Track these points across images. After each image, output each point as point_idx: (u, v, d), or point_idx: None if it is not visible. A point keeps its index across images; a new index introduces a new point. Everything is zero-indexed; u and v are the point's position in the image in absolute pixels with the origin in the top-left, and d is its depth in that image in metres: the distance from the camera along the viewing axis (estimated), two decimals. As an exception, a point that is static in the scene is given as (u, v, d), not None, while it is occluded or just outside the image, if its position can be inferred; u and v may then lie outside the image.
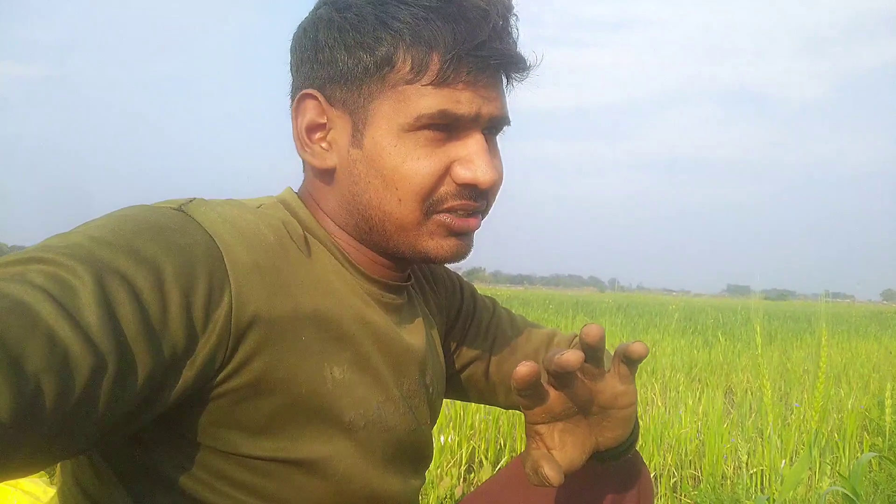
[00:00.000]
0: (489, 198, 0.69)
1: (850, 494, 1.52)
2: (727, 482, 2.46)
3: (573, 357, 0.57)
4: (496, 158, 0.69)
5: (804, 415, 3.08)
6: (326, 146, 0.67)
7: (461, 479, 2.30)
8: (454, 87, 0.63)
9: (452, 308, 0.90)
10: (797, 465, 1.55)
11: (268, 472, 0.61)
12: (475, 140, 0.65)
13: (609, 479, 0.83)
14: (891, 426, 2.67)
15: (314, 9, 0.68)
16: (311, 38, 0.66)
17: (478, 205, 0.68)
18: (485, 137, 0.67)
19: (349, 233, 0.69)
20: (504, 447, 2.62)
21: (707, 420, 2.91)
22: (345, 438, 0.65)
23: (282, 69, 0.72)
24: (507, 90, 0.69)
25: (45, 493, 0.97)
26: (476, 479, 2.37)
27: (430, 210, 0.66)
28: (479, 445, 2.55)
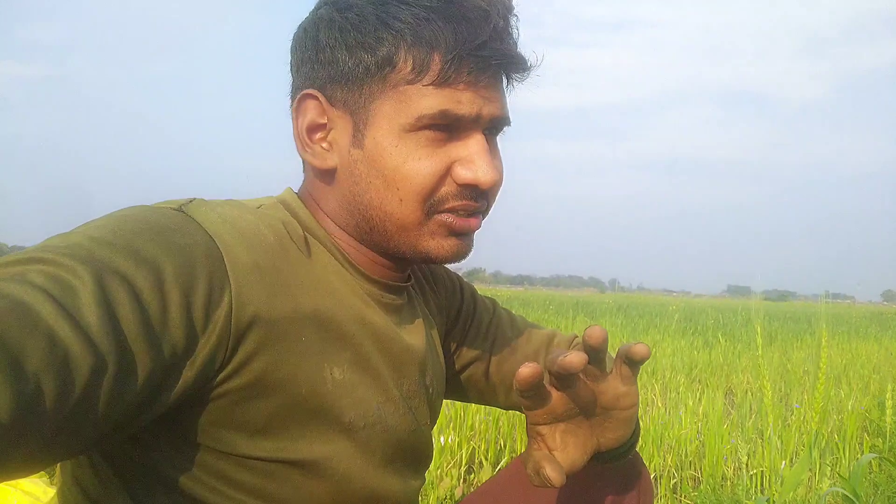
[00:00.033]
0: (489, 198, 0.69)
1: (850, 496, 1.52)
2: (727, 483, 2.46)
3: (576, 359, 0.57)
4: (497, 159, 0.69)
5: (804, 416, 3.08)
6: (327, 146, 0.67)
7: (461, 480, 2.30)
8: (455, 88, 0.63)
9: (452, 308, 0.90)
10: (797, 466, 1.55)
11: (267, 473, 0.61)
12: (476, 140, 0.65)
13: (609, 480, 0.83)
14: (891, 427, 2.67)
15: (315, 9, 0.68)
16: (312, 38, 0.66)
17: (478, 205, 0.68)
18: (485, 138, 0.67)
19: (349, 233, 0.69)
20: (504, 448, 2.62)
21: (707, 421, 2.91)
22: (345, 439, 0.65)
23: (282, 69, 0.72)
24: (508, 90, 0.69)
25: (45, 493, 0.97)
26: (476, 480, 2.36)
27: (432, 210, 0.66)
28: (479, 446, 2.55)
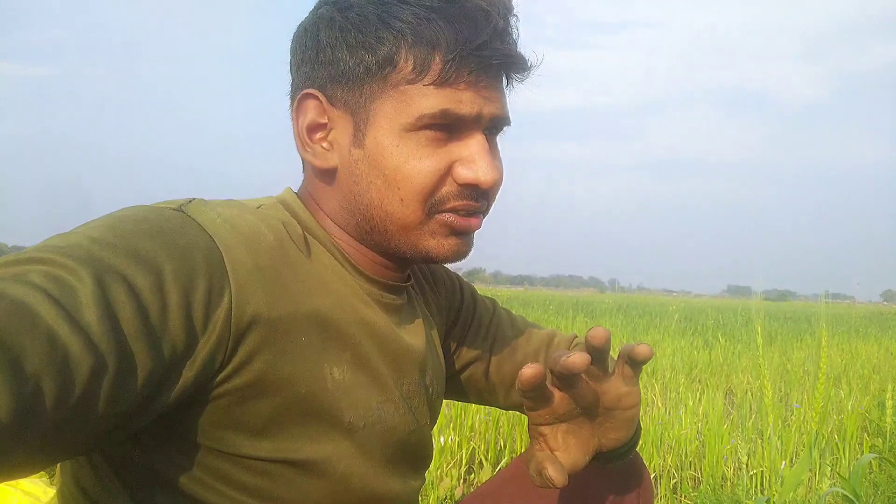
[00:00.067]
0: (490, 198, 0.69)
1: (850, 496, 1.52)
2: (727, 483, 2.46)
3: (580, 359, 0.57)
4: (497, 158, 0.69)
5: (804, 416, 3.08)
6: (327, 146, 0.67)
7: (461, 480, 2.30)
8: (456, 87, 0.63)
9: (452, 308, 0.90)
10: (797, 467, 1.55)
11: (267, 473, 0.61)
12: (476, 140, 0.65)
13: (609, 480, 0.83)
14: (891, 427, 2.67)
15: (315, 8, 0.68)
16: (313, 38, 0.66)
17: (479, 205, 0.68)
18: (485, 137, 0.67)
19: (349, 233, 0.69)
20: (504, 448, 2.62)
21: (707, 421, 2.91)
22: (344, 439, 0.65)
23: (281, 69, 0.72)
24: (507, 90, 0.69)
25: (45, 494, 0.97)
26: (476, 480, 2.36)
27: (433, 210, 0.66)
28: (479, 446, 2.55)
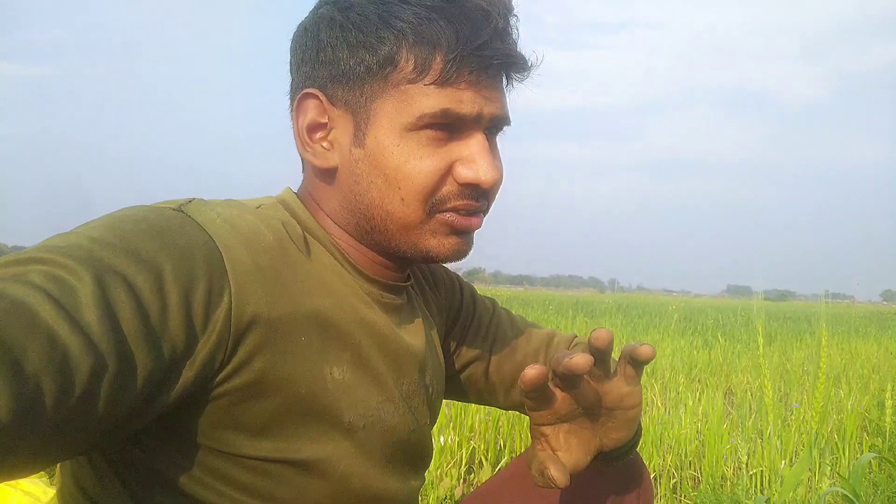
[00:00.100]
0: (490, 197, 0.69)
1: (850, 495, 1.52)
2: (727, 483, 2.46)
3: (583, 361, 0.57)
4: (497, 158, 0.69)
5: (804, 415, 3.08)
6: (328, 146, 0.67)
7: (461, 480, 2.30)
8: (457, 87, 0.63)
9: (452, 308, 0.90)
10: (797, 466, 1.55)
11: (267, 473, 0.61)
12: (477, 140, 0.66)
13: (609, 480, 0.83)
14: (891, 427, 2.67)
15: (315, 8, 0.68)
16: (313, 38, 0.66)
17: (479, 204, 0.68)
18: (485, 137, 0.67)
19: (349, 233, 0.69)
20: (504, 448, 2.62)
21: (707, 421, 2.91)
22: (344, 439, 0.65)
23: (281, 69, 0.72)
24: (507, 90, 0.69)
25: (45, 494, 0.97)
26: (476, 480, 2.36)
27: (433, 209, 0.66)
28: (479, 446, 2.55)
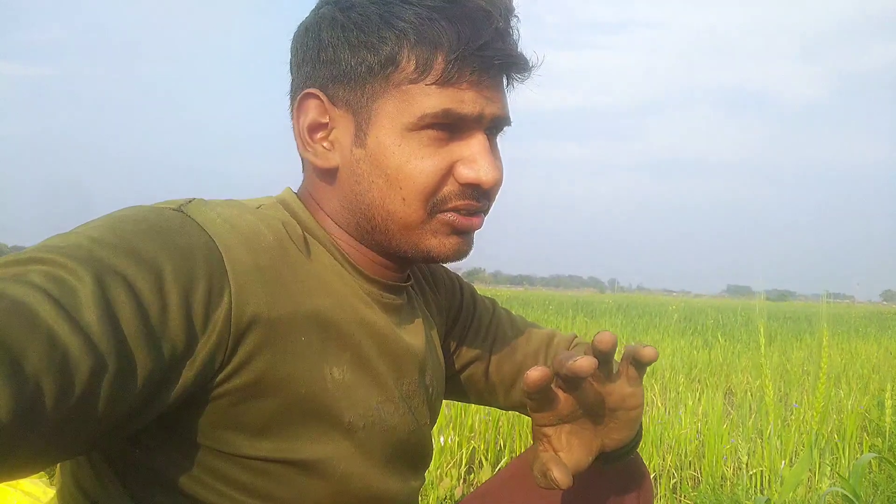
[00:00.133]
0: (490, 198, 0.69)
1: (850, 495, 1.52)
2: (727, 483, 2.46)
3: (587, 364, 0.57)
4: (497, 159, 0.69)
5: (803, 416, 3.08)
6: (328, 146, 0.67)
7: (461, 480, 2.30)
8: (458, 87, 0.63)
9: (452, 308, 0.90)
10: (797, 466, 1.55)
11: (267, 473, 0.61)
12: (478, 140, 0.66)
13: (610, 480, 0.83)
14: (890, 427, 2.67)
15: (316, 8, 0.68)
16: (314, 37, 0.66)
17: (480, 204, 0.68)
18: (486, 137, 0.67)
19: (350, 233, 0.69)
20: (504, 448, 2.62)
21: (707, 421, 2.91)
22: (344, 439, 0.65)
23: (281, 69, 0.72)
24: (508, 91, 0.69)
25: (45, 494, 0.97)
26: (476, 480, 2.37)
27: (434, 209, 0.66)
28: (479, 446, 2.55)
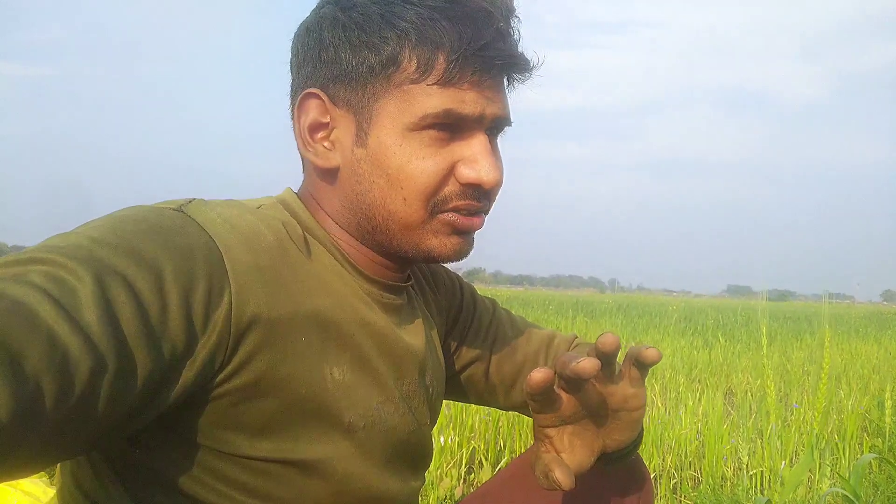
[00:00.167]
0: (491, 198, 0.69)
1: (850, 496, 1.52)
2: (727, 483, 2.46)
3: (590, 365, 0.57)
4: (498, 159, 0.69)
5: (804, 416, 3.08)
6: (329, 145, 0.67)
7: (461, 480, 2.30)
8: (459, 87, 0.63)
9: (452, 309, 0.90)
10: (798, 467, 1.55)
11: (267, 473, 0.61)
12: (479, 140, 0.66)
13: (610, 481, 0.83)
14: (890, 427, 2.67)
15: (317, 7, 0.68)
16: (315, 37, 0.66)
17: (481, 205, 0.68)
18: (487, 138, 0.67)
19: (350, 233, 0.69)
20: (504, 448, 2.62)
21: (707, 421, 2.91)
22: (344, 439, 0.65)
23: (281, 69, 0.72)
24: (508, 91, 0.69)
25: (45, 494, 0.97)
26: (476, 480, 2.37)
27: (435, 209, 0.66)
28: (479, 446, 2.55)
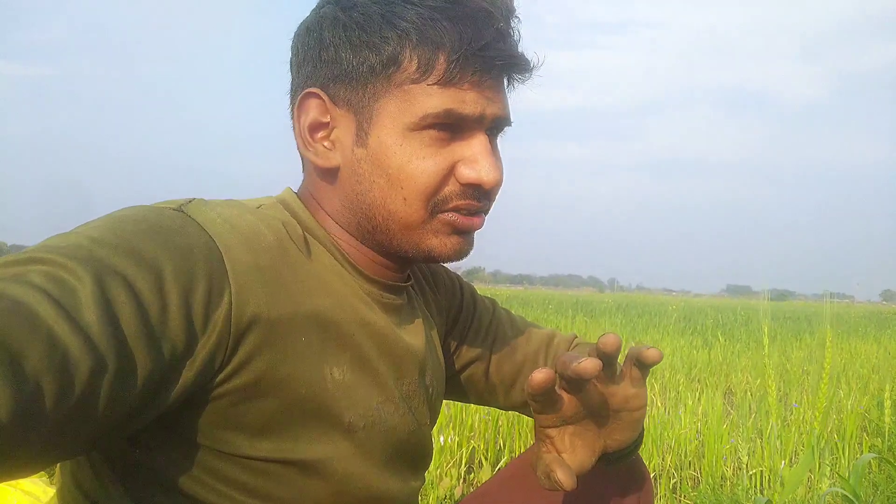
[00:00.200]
0: (491, 198, 0.69)
1: (850, 496, 1.52)
2: (727, 483, 2.47)
3: (591, 366, 0.57)
4: (498, 159, 0.69)
5: (803, 415, 3.09)
6: (329, 145, 0.67)
7: (461, 480, 2.30)
8: (460, 88, 0.63)
9: (452, 308, 0.90)
10: (799, 467, 1.55)
11: (267, 473, 0.61)
12: (479, 140, 0.66)
13: (611, 481, 0.83)
14: (890, 427, 2.67)
15: (317, 7, 0.68)
16: (316, 37, 0.66)
17: (481, 205, 0.68)
18: (487, 138, 0.67)
19: (350, 233, 0.69)
20: (503, 447, 2.62)
21: (707, 421, 2.91)
22: (344, 439, 0.65)
23: (282, 69, 0.72)
24: (508, 91, 0.69)
25: (45, 493, 0.97)
26: (475, 480, 2.37)
27: (435, 209, 0.66)
28: (479, 446, 2.55)
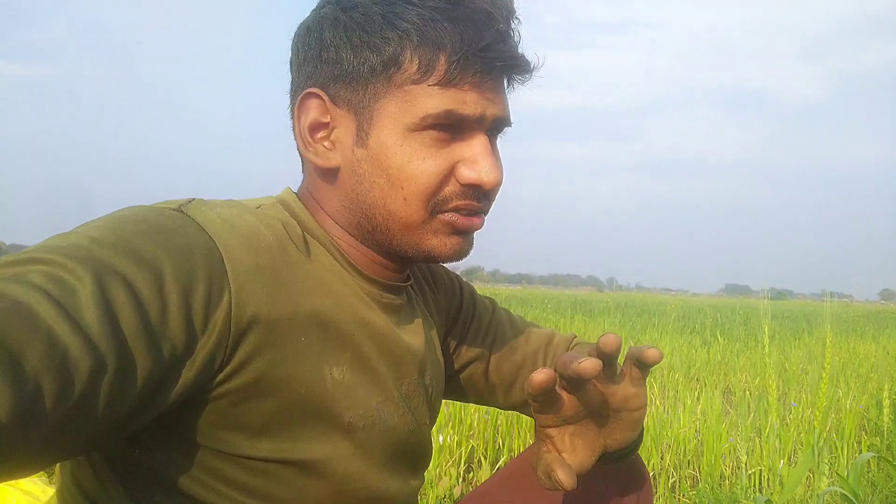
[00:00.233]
0: (490, 198, 0.70)
1: (849, 495, 1.52)
2: (725, 482, 2.47)
3: (592, 365, 0.57)
4: (498, 160, 0.69)
5: (802, 415, 3.09)
6: (329, 145, 0.67)
7: (460, 479, 2.30)
8: (460, 88, 0.63)
9: (452, 308, 0.90)
10: (798, 467, 1.55)
11: (267, 473, 0.61)
12: (479, 141, 0.66)
13: (610, 480, 0.83)
14: (889, 426, 2.67)
15: (318, 7, 0.68)
16: (316, 37, 0.66)
17: (481, 205, 0.68)
18: (487, 138, 0.67)
19: (350, 233, 0.69)
20: (503, 447, 2.62)
21: (705, 420, 2.91)
22: (344, 439, 0.65)
23: (282, 69, 0.72)
24: (508, 92, 0.69)
25: (45, 493, 0.97)
26: (475, 479, 2.37)
27: (435, 210, 0.66)
28: (478, 445, 2.55)
